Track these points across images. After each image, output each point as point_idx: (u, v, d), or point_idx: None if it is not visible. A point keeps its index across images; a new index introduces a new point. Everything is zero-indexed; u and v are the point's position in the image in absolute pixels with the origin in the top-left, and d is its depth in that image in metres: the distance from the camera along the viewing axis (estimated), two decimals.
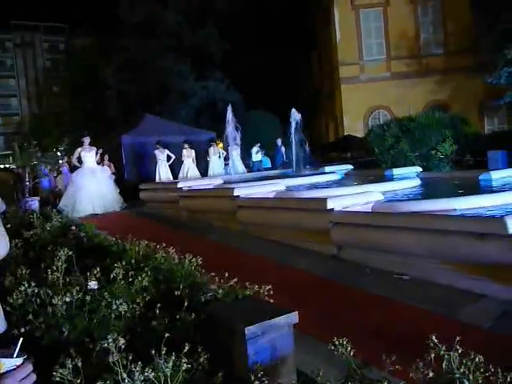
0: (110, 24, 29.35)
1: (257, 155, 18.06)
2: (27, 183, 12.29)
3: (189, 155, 14.37)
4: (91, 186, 10.89)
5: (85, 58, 34.48)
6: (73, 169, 17.14)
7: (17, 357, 1.18)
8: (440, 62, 23.85)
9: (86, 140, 11.43)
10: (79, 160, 11.49)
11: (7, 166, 29.70)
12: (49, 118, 42.54)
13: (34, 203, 10.65)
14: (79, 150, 11.42)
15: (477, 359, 1.83)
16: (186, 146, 14.48)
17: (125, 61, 28.02)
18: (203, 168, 15.21)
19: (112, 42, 29.25)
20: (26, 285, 3.07)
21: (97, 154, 11.67)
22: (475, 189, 7.53)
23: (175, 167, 14.67)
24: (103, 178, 11.56)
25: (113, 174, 15.20)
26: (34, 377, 1.20)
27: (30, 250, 4.94)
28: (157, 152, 14.30)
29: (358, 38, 24.61)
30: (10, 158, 33.87)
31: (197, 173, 14.38)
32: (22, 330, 2.64)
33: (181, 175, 14.12)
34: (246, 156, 17.78)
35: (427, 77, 23.48)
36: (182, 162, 14.41)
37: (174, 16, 27.87)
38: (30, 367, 1.20)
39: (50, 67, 55.85)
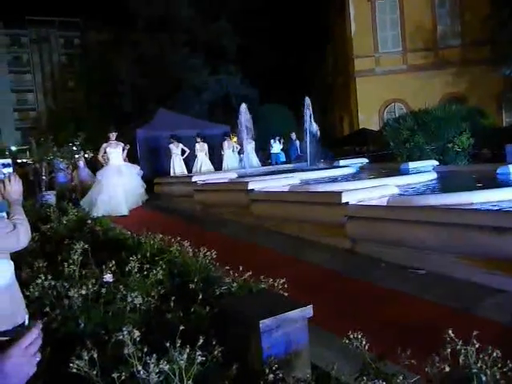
0: (124, 19, 29.45)
1: (276, 147, 18.06)
2: (44, 177, 12.44)
3: (202, 149, 14.38)
4: (118, 186, 10.00)
5: (99, 53, 34.69)
6: (88, 165, 17.35)
7: (29, 324, 1.15)
8: (457, 54, 23.44)
9: (112, 135, 10.66)
10: (106, 157, 10.74)
11: (24, 160, 30.11)
12: (64, 113, 42.99)
13: (51, 197, 10.77)
14: (105, 145, 10.61)
15: (494, 354, 1.80)
16: (199, 139, 14.49)
17: (138, 55, 28.13)
18: (217, 162, 15.22)
19: (126, 37, 29.36)
20: (43, 277, 3.12)
21: (123, 150, 10.87)
22: (493, 182, 7.41)
23: (189, 161, 14.71)
24: (130, 176, 10.65)
25: None
26: (39, 341, 1.19)
27: (47, 243, 5.01)
28: (171, 146, 14.34)
29: (373, 30, 24.30)
30: (27, 152, 34.36)
31: (210, 167, 14.40)
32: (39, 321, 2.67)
33: (194, 169, 14.15)
34: (261, 149, 17.82)
35: (444, 69, 23.11)
36: (196, 156, 14.44)
37: (188, 10, 27.85)
38: (36, 332, 1.18)
39: (65, 62, 56.42)
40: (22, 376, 1.14)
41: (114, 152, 10.52)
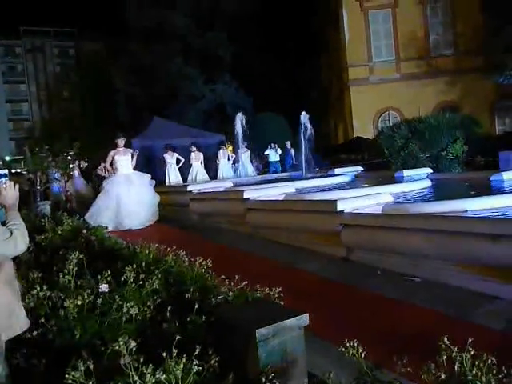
0: (119, 28, 29.60)
1: (273, 155, 17.93)
2: (38, 187, 12.40)
3: (197, 158, 14.38)
4: (127, 197, 9.02)
5: (94, 63, 34.79)
6: (83, 174, 17.31)
7: None
8: (450, 63, 23.68)
9: (121, 141, 9.72)
10: (112, 164, 9.82)
11: (18, 170, 30.01)
12: (59, 123, 42.95)
13: (46, 207, 10.74)
14: (112, 153, 9.62)
15: (489, 361, 1.81)
16: (194, 148, 14.50)
17: (133, 64, 28.21)
18: (212, 171, 15.24)
19: (120, 46, 29.47)
20: (38, 288, 3.10)
21: (132, 157, 9.84)
22: (486, 190, 7.46)
23: (184, 170, 14.71)
24: (142, 186, 9.53)
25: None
26: None
27: (42, 253, 4.98)
28: (166, 155, 14.35)
29: (366, 39, 24.52)
30: (22, 162, 34.25)
31: (205, 176, 14.39)
32: (34, 333, 2.67)
33: (190, 178, 14.14)
34: (257, 158, 17.77)
35: (437, 78, 23.32)
36: (191, 165, 14.44)
37: (182, 19, 27.99)
38: None
39: (60, 72, 56.44)
40: None
41: (123, 160, 9.56)
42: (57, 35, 60.76)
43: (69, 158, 15.10)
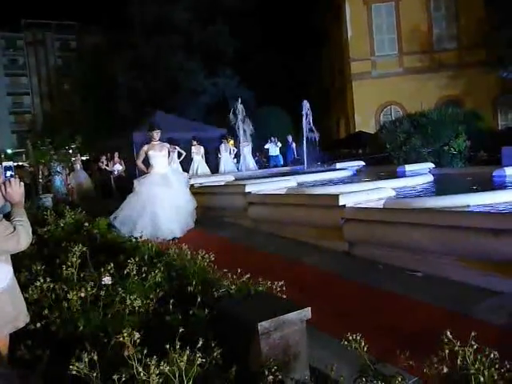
0: (120, 21, 29.49)
1: (273, 149, 17.88)
2: (40, 181, 12.43)
3: (198, 152, 14.36)
4: (164, 200, 7.62)
5: (95, 56, 34.70)
6: (84, 167, 17.32)
7: None
8: (453, 57, 23.56)
9: (156, 134, 8.16)
10: (146, 162, 8.23)
11: (20, 163, 30.04)
12: (61, 116, 42.94)
13: (48, 200, 10.76)
14: (146, 148, 8.15)
15: (492, 355, 1.82)
16: (195, 142, 14.48)
17: (135, 58, 28.13)
18: (214, 165, 15.23)
19: (122, 40, 29.38)
20: (42, 280, 3.12)
21: (169, 153, 8.51)
22: (489, 185, 7.45)
23: (184, 164, 14.71)
24: (179, 187, 8.05)
25: (123, 171, 15.32)
26: None
27: (45, 246, 5.00)
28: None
29: (369, 33, 24.40)
30: (24, 155, 34.27)
31: (206, 169, 14.36)
32: (38, 324, 2.68)
33: (191, 172, 14.11)
34: (258, 152, 17.73)
35: (440, 72, 23.22)
36: (192, 158, 14.42)
37: (184, 13, 27.88)
38: None
39: (61, 65, 56.31)
40: None
41: (159, 156, 8.04)
42: (58, 28, 60.61)
43: (70, 151, 15.11)
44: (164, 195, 7.65)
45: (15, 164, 28.54)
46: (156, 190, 7.66)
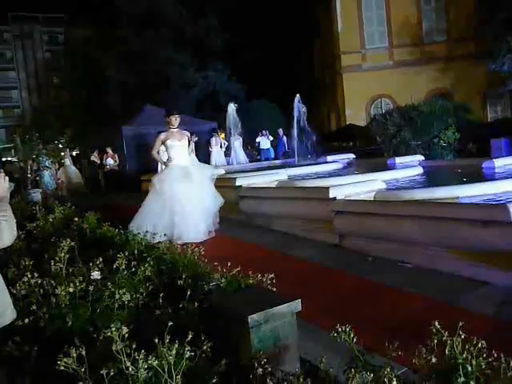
0: (110, 14, 29.16)
1: (264, 142, 17.86)
2: (29, 175, 12.32)
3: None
4: (187, 198, 6.47)
5: (84, 49, 34.34)
6: (75, 162, 17.15)
7: None
8: (442, 50, 23.66)
9: (175, 120, 6.86)
10: (166, 153, 7.01)
11: (9, 158, 29.74)
12: (49, 110, 42.51)
13: (37, 195, 10.67)
14: (163, 136, 6.83)
15: (479, 345, 1.83)
16: None
17: (124, 51, 27.87)
18: (204, 158, 15.17)
19: (111, 33, 29.08)
20: (30, 275, 3.09)
21: (189, 142, 7.12)
22: (478, 177, 7.51)
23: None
24: (204, 182, 6.82)
25: (117, 165, 15.24)
26: None
27: (33, 241, 4.96)
28: None
29: (359, 26, 24.40)
30: (12, 150, 33.90)
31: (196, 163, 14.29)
32: (26, 320, 2.65)
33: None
34: (250, 146, 17.71)
35: (430, 65, 23.31)
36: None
37: (174, 6, 27.67)
38: None
39: (49, 59, 55.68)
40: None
41: (178, 146, 6.79)
42: (46, 21, 59.79)
43: (60, 145, 14.99)
44: (188, 192, 6.50)
45: (4, 159, 28.28)
46: (178, 187, 6.51)
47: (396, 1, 23.77)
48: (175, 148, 6.76)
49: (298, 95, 13.30)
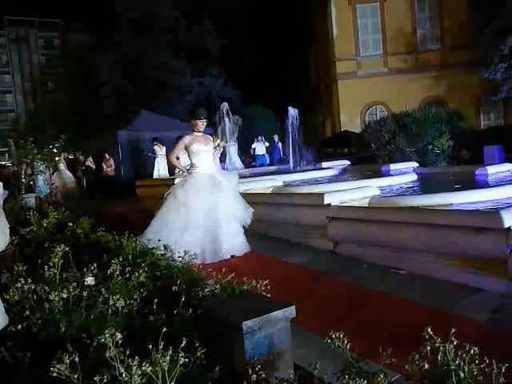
0: (106, 19, 29.25)
1: (260, 148, 17.88)
2: (23, 180, 12.26)
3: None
4: (212, 210, 5.73)
5: (80, 54, 34.34)
6: (70, 167, 17.11)
7: None
8: (437, 58, 23.86)
9: (202, 124, 6.18)
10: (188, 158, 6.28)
11: (3, 163, 29.59)
12: (44, 115, 42.42)
13: (31, 200, 10.62)
14: (187, 140, 6.14)
15: (472, 351, 1.84)
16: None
17: (120, 57, 27.92)
18: None
19: (108, 38, 29.13)
20: (23, 281, 3.07)
21: (215, 147, 6.51)
22: (471, 184, 7.56)
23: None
24: (230, 192, 6.00)
25: (112, 170, 15.22)
26: None
27: (27, 246, 4.93)
28: (156, 148, 14.32)
29: (354, 33, 24.58)
30: (6, 155, 33.76)
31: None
32: (19, 326, 2.64)
33: (177, 171, 14.08)
34: (244, 153, 17.73)
35: (424, 72, 23.49)
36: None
37: (171, 12, 27.76)
38: None
39: (45, 63, 55.66)
40: None
41: (204, 151, 6.06)
42: (42, 26, 59.82)
43: (54, 150, 14.95)
44: (213, 204, 5.74)
45: None
46: (202, 197, 5.75)
47: (390, 9, 23.98)
48: (201, 154, 6.04)
49: (290, 107, 13.34)
